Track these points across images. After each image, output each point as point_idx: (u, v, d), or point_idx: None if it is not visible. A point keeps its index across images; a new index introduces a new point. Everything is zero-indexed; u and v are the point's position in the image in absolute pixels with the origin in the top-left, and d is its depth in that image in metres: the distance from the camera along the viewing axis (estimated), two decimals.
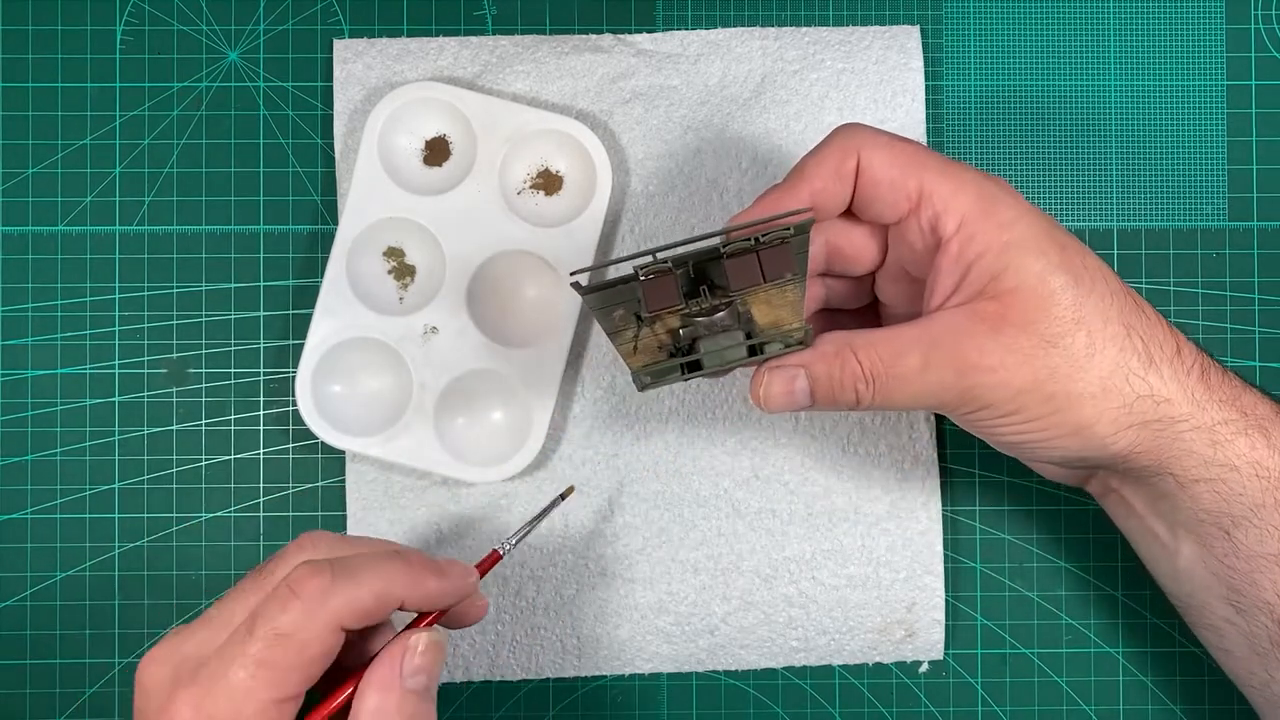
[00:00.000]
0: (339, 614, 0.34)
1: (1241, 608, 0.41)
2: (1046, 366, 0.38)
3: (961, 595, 0.51)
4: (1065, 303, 0.38)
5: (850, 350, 0.39)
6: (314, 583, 0.34)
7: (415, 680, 0.36)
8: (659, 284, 0.38)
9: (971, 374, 0.38)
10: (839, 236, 0.43)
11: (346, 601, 0.34)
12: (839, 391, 0.39)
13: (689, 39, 0.51)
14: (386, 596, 0.35)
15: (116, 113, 0.50)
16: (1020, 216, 0.38)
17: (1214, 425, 0.39)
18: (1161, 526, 0.42)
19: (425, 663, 0.36)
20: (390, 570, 0.36)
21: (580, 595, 0.49)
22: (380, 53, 0.50)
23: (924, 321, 0.39)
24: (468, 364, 0.48)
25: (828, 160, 0.40)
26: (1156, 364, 0.39)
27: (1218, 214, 0.51)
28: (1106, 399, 0.38)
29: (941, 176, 0.39)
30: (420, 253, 0.49)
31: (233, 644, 0.34)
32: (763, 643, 0.50)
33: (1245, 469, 0.39)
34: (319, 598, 0.34)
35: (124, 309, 0.50)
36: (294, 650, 0.34)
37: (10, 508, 0.50)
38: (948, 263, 0.39)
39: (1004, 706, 0.50)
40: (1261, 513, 0.39)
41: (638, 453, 0.50)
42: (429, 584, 0.37)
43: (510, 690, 0.50)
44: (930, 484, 0.50)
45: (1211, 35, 0.52)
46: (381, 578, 0.35)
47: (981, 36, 0.52)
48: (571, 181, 0.50)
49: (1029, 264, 0.38)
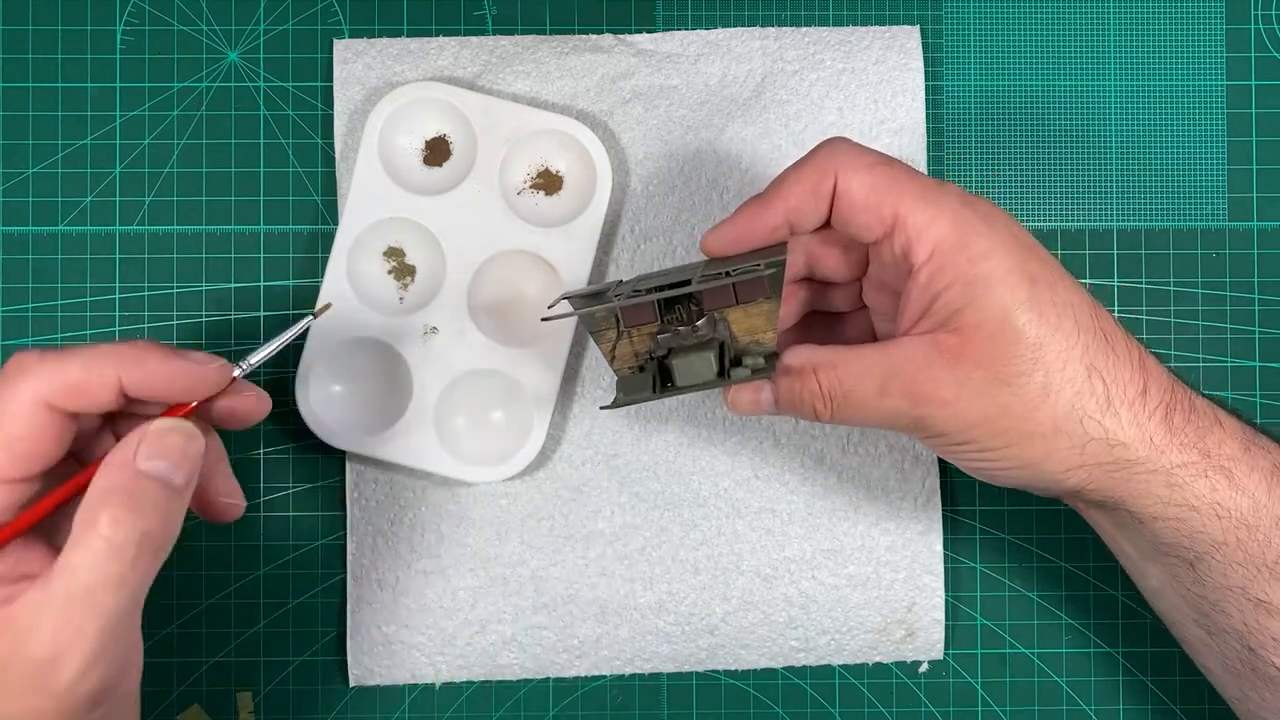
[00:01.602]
0: (41, 389, 0.34)
1: (1212, 631, 0.41)
2: (998, 404, 0.38)
3: (961, 595, 0.51)
4: (1026, 342, 0.38)
5: (811, 370, 0.40)
6: (23, 362, 0.34)
7: (153, 465, 0.35)
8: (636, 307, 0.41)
9: (925, 404, 0.38)
10: (819, 248, 0.43)
11: (51, 374, 0.34)
12: (799, 407, 0.40)
13: (689, 39, 0.51)
14: (99, 372, 0.35)
15: (116, 113, 0.50)
16: (993, 250, 0.38)
17: (1172, 469, 0.39)
18: (1130, 548, 0.42)
19: (165, 446, 0.35)
20: (105, 349, 0.35)
21: (580, 595, 0.49)
22: (380, 53, 0.50)
23: (887, 346, 0.39)
24: (468, 364, 0.48)
25: (806, 178, 0.40)
26: (1115, 407, 0.38)
27: (1218, 214, 0.51)
28: (1057, 439, 0.38)
29: (918, 203, 0.39)
30: (420, 253, 0.49)
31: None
32: (763, 643, 0.50)
33: (1205, 509, 0.39)
34: (17, 372, 0.34)
35: (124, 309, 0.50)
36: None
37: None
38: (916, 290, 0.39)
39: (1004, 706, 0.50)
40: (1224, 550, 0.39)
41: (638, 453, 0.50)
42: (149, 364, 0.36)
43: (510, 690, 0.50)
44: (930, 484, 0.50)
45: (1211, 35, 0.52)
46: (93, 354, 0.35)
47: (981, 36, 0.52)
48: (571, 181, 0.50)
49: (994, 300, 0.38)
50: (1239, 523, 0.39)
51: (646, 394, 0.41)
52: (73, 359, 0.35)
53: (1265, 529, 0.39)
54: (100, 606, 0.33)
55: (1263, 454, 0.39)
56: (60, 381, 0.34)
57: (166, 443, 0.35)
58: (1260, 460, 0.39)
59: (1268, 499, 0.39)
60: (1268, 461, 0.39)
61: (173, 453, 0.35)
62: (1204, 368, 0.51)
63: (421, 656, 0.49)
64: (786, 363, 0.40)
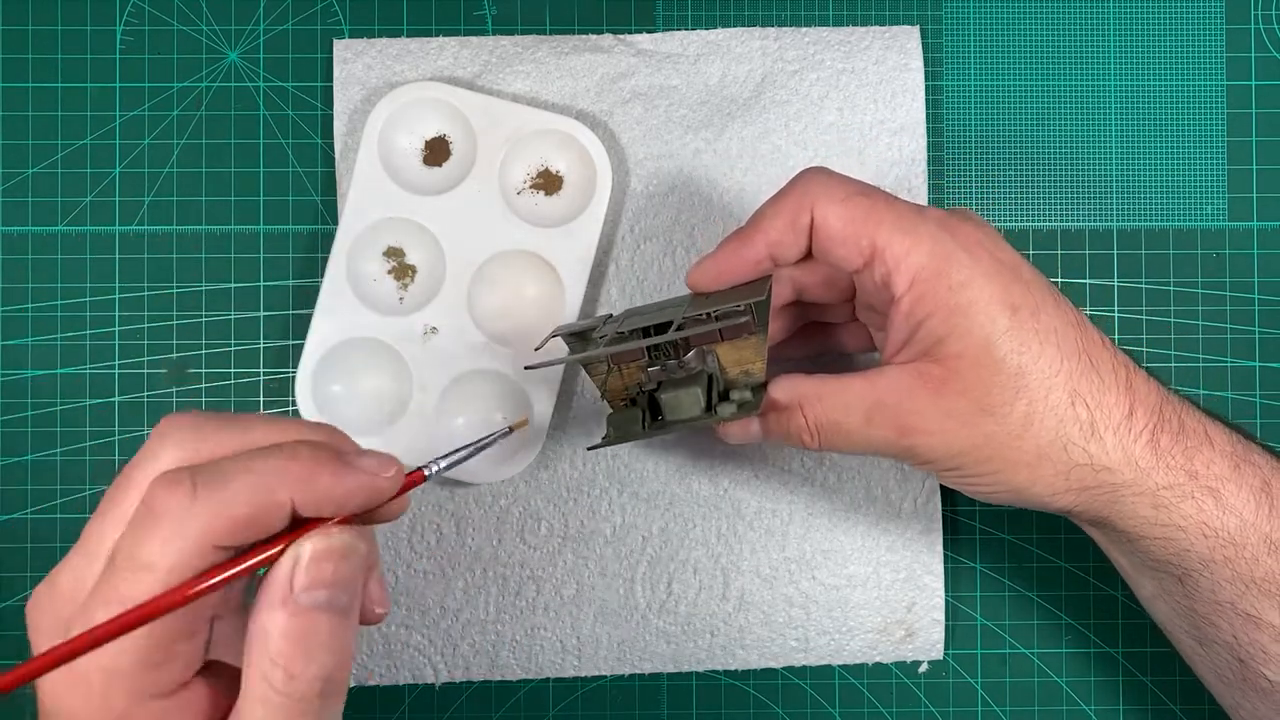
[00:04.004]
0: (206, 534, 0.29)
1: (1203, 642, 0.41)
2: (982, 432, 0.38)
3: (961, 595, 0.51)
4: (1007, 372, 0.38)
5: (797, 404, 0.40)
6: (172, 501, 0.28)
7: (317, 596, 0.29)
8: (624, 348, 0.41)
9: (911, 435, 0.39)
10: (805, 277, 0.43)
11: (214, 518, 0.29)
12: (787, 438, 0.41)
13: (689, 39, 0.51)
14: (267, 504, 0.29)
15: (116, 113, 0.50)
16: (973, 278, 0.38)
17: (1157, 490, 0.39)
18: (1124, 561, 0.43)
19: (320, 575, 0.30)
20: (269, 469, 0.29)
21: (580, 595, 0.49)
22: (380, 53, 0.50)
23: (872, 376, 0.39)
24: (468, 364, 0.48)
25: (783, 212, 0.40)
26: (1099, 432, 0.38)
27: (1218, 214, 0.51)
28: (1042, 467, 0.39)
29: (896, 233, 0.38)
30: (420, 253, 0.49)
31: (101, 582, 0.29)
32: (763, 643, 0.50)
33: (1192, 529, 0.39)
34: (179, 519, 0.28)
35: (124, 309, 0.50)
36: (159, 583, 0.28)
37: (10, 508, 0.50)
38: (899, 319, 0.39)
39: (1004, 706, 0.50)
40: (1212, 567, 0.39)
41: (638, 453, 0.50)
42: (321, 482, 0.30)
43: (510, 690, 0.50)
44: (930, 484, 0.50)
45: (1211, 35, 0.52)
46: (258, 482, 0.29)
47: (981, 36, 0.52)
48: (571, 181, 0.50)
49: (975, 330, 0.38)
50: (1226, 541, 0.39)
51: (636, 430, 0.42)
52: (235, 490, 0.29)
53: (1253, 546, 0.39)
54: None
55: (1253, 471, 0.39)
56: (229, 524, 0.29)
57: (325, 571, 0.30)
58: (1250, 478, 0.39)
59: (1255, 518, 0.39)
60: (1257, 479, 0.39)
61: (338, 577, 0.30)
62: (1204, 368, 0.51)
63: (421, 656, 0.49)
64: (773, 396, 0.40)
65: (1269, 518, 0.39)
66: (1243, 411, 0.51)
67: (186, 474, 0.29)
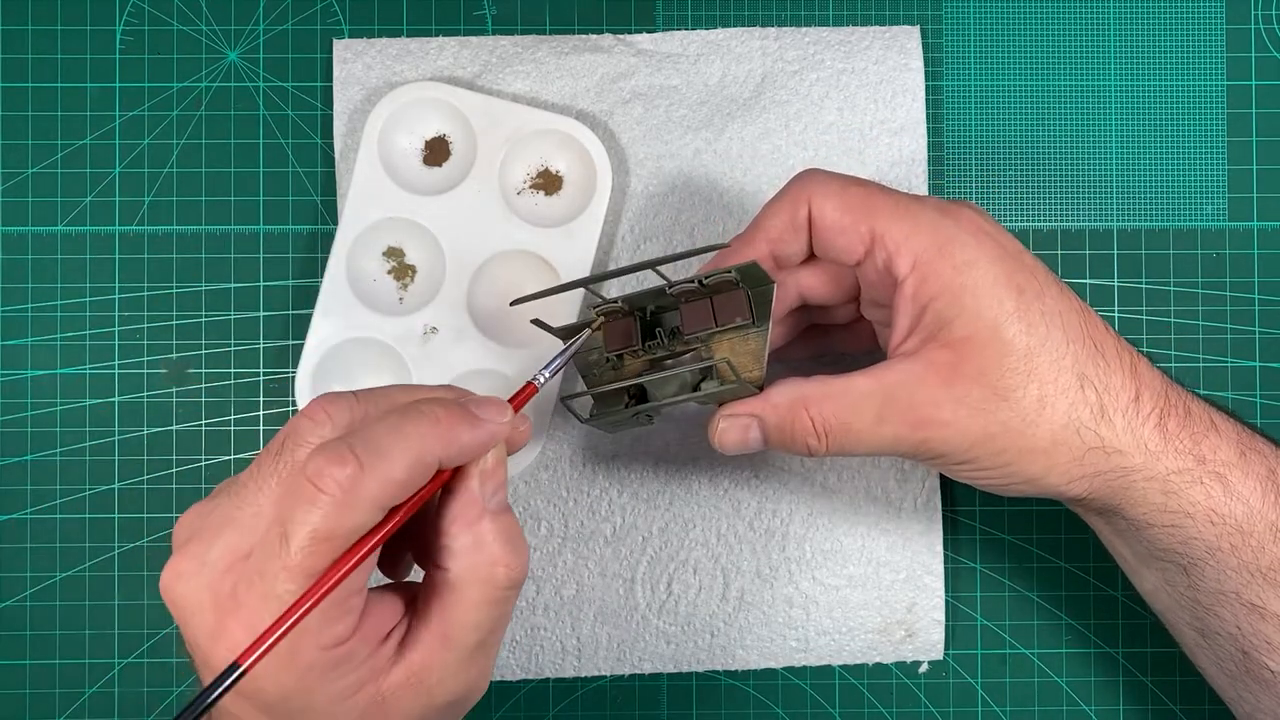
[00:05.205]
0: (375, 500, 0.32)
1: (1206, 634, 0.41)
2: (997, 421, 0.38)
3: (961, 595, 0.51)
4: (1018, 353, 0.38)
5: (802, 405, 0.39)
6: (341, 475, 0.31)
7: (498, 500, 0.35)
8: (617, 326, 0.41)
9: (924, 428, 0.38)
10: (809, 279, 0.43)
11: (380, 485, 0.32)
12: (790, 443, 0.40)
13: (689, 39, 0.51)
14: (421, 465, 0.33)
15: (116, 113, 0.50)
16: (977, 259, 0.38)
17: (1167, 475, 0.39)
18: (1127, 553, 0.43)
19: (498, 480, 0.35)
20: (419, 434, 0.33)
21: (580, 595, 0.49)
22: (380, 53, 0.50)
23: (879, 371, 0.39)
24: (468, 364, 0.48)
25: (782, 211, 0.40)
26: (1109, 415, 0.38)
27: (1218, 214, 0.51)
28: (1057, 453, 0.38)
29: (894, 218, 0.38)
30: (420, 253, 0.49)
31: (269, 557, 0.32)
32: (763, 643, 0.50)
33: (1200, 516, 0.39)
34: (350, 490, 0.31)
35: (124, 309, 0.50)
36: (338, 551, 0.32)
37: (10, 508, 0.50)
38: (904, 303, 0.39)
39: (1004, 707, 0.50)
40: (1218, 556, 0.39)
41: (638, 453, 0.50)
42: (463, 438, 0.34)
43: (510, 690, 0.50)
44: (930, 484, 0.50)
45: (1211, 35, 0.52)
46: (412, 446, 0.33)
47: (981, 36, 0.52)
48: (571, 181, 0.50)
49: (982, 312, 0.38)
50: (1233, 529, 0.39)
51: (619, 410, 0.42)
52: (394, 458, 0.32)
53: (1259, 535, 0.39)
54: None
55: (1258, 459, 0.39)
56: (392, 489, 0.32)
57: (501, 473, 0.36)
58: (1256, 466, 0.39)
59: (1262, 505, 0.39)
60: (1263, 467, 0.39)
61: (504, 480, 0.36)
62: (1204, 368, 0.51)
63: None
64: (774, 399, 0.40)
65: (1275, 505, 0.39)
66: (1243, 412, 0.51)
67: (345, 446, 0.32)
